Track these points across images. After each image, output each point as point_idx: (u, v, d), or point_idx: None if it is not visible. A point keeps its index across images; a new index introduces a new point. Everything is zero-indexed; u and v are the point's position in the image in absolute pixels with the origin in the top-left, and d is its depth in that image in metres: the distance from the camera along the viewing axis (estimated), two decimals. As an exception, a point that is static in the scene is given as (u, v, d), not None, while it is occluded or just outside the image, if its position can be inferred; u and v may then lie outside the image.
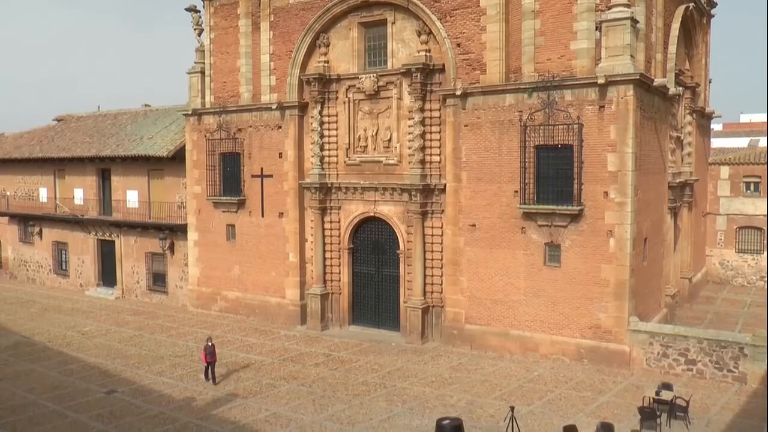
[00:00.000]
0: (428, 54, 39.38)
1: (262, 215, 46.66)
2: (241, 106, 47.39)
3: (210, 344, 33.58)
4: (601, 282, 34.51)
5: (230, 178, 48.45)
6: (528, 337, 36.77)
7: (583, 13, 34.23)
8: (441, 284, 40.04)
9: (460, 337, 39.01)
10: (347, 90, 42.72)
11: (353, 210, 43.02)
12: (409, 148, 40.15)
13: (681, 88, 44.30)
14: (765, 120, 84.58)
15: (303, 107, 44.65)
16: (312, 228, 44.52)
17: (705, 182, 55.49)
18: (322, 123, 43.53)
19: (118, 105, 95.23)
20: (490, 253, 37.68)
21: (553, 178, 35.59)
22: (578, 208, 34.57)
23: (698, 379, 32.47)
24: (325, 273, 44.31)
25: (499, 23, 36.60)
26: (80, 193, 60.29)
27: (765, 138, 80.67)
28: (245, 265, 48.12)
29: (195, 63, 50.36)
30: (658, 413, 26.34)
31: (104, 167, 58.20)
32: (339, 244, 43.87)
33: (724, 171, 57.42)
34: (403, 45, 40.82)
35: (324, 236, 44.07)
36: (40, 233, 64.61)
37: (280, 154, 45.54)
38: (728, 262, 57.67)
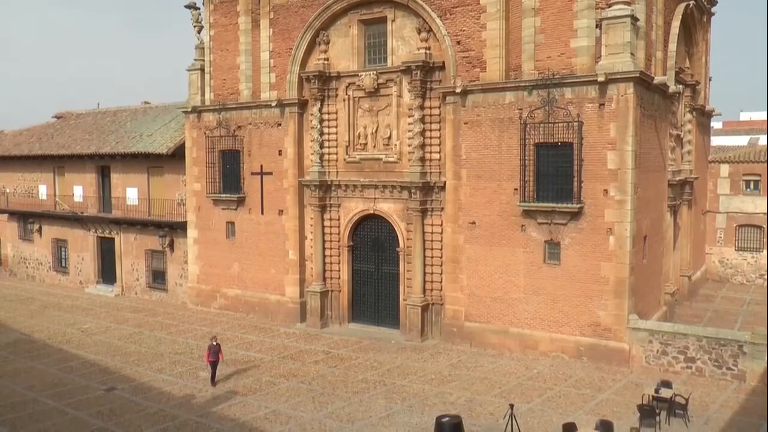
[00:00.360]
0: (428, 52, 39.38)
1: (262, 212, 46.67)
2: (240, 103, 47.40)
3: (215, 343, 33.24)
4: (601, 280, 34.54)
5: (230, 175, 48.45)
6: (527, 334, 36.80)
7: (583, 11, 34.23)
8: (441, 282, 40.07)
9: (459, 334, 39.05)
10: (347, 87, 42.72)
11: (353, 207, 43.04)
12: (409, 145, 40.16)
13: (681, 86, 44.30)
14: (765, 118, 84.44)
15: (303, 104, 44.65)
16: (312, 225, 44.53)
17: (705, 180, 55.51)
18: (321, 120, 43.54)
19: (118, 102, 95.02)
20: (489, 251, 37.72)
21: (553, 176, 35.60)
22: (578, 206, 34.59)
23: (697, 377, 32.50)
24: (324, 270, 44.33)
25: (499, 21, 36.59)
26: (80, 190, 60.30)
27: (765, 136, 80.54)
28: (245, 263, 48.14)
29: (195, 60, 50.37)
30: (657, 411, 26.39)
31: (104, 164, 58.24)
32: (339, 241, 43.89)
33: (724, 169, 57.42)
34: (403, 42, 40.82)
35: (324, 234, 44.08)
36: (39, 230, 64.63)
37: (280, 151, 45.55)
38: (728, 260, 57.70)
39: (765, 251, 55.60)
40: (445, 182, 39.19)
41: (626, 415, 27.51)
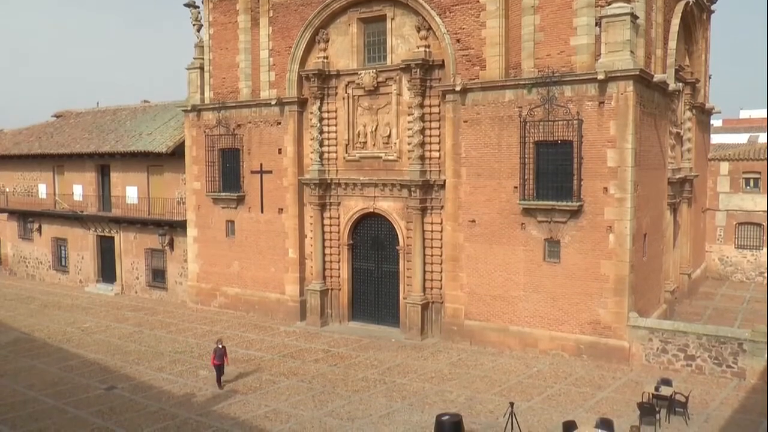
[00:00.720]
0: (428, 50, 39.36)
1: (262, 211, 46.70)
2: (240, 101, 47.41)
3: (220, 347, 32.71)
4: (601, 278, 34.55)
5: (229, 174, 48.45)
6: (527, 332, 36.82)
7: (582, 9, 34.23)
8: (440, 280, 40.08)
9: (459, 332, 39.07)
10: (346, 86, 42.72)
11: (353, 206, 43.05)
12: (409, 143, 40.17)
13: (681, 84, 44.30)
14: (765, 116, 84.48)
15: (302, 103, 44.64)
16: (311, 224, 44.53)
17: (704, 178, 55.52)
18: (321, 119, 43.52)
19: (118, 101, 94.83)
20: (489, 249, 37.73)
21: (553, 174, 35.60)
22: (578, 203, 34.61)
23: (697, 375, 32.52)
24: (324, 269, 44.34)
25: (499, 19, 36.58)
26: (79, 189, 60.30)
27: (765, 134, 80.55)
28: (245, 261, 48.16)
29: (194, 59, 50.37)
30: (657, 409, 26.40)
31: (103, 163, 58.23)
32: (338, 240, 43.90)
33: (724, 167, 57.42)
34: (403, 41, 40.81)
35: (323, 232, 44.07)
36: (39, 229, 64.63)
37: (280, 150, 45.56)
38: (727, 257, 57.72)
39: (765, 249, 55.61)
40: (444, 180, 39.18)
41: (626, 413, 27.54)
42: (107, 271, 59.29)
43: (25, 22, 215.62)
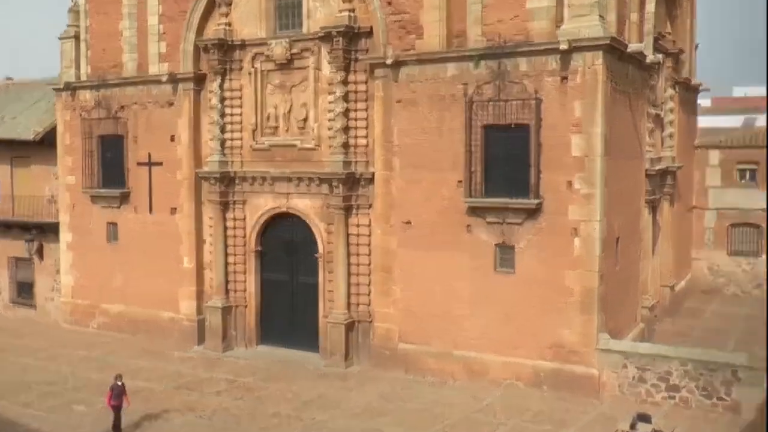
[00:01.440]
0: (352, 14, 39.06)
1: (150, 211, 46.32)
2: (124, 78, 46.96)
3: (119, 383, 31.67)
4: (565, 291, 34.49)
5: (111, 166, 47.96)
6: (475, 358, 36.70)
7: (541, -36, 34.24)
8: (369, 294, 39.97)
9: (392, 358, 38.92)
10: (253, 59, 42.40)
11: (261, 204, 42.79)
12: (330, 129, 39.98)
13: (661, 56, 44.54)
14: (764, 94, 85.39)
15: (200, 80, 44.35)
16: (211, 226, 44.27)
17: (690, 170, 56.04)
18: (223, 99, 43.18)
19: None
20: (428, 257, 37.57)
21: (506, 165, 35.55)
22: (536, 201, 34.57)
23: (682, 409, 32.56)
24: (227, 281, 43.99)
25: (440, -24, 36.47)
26: None
27: (764, 115, 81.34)
28: (130, 273, 47.64)
29: (68, 26, 49.82)
30: (631, 450, 26.39)
31: (-46, 153, 57.15)
32: (244, 245, 43.59)
33: (714, 156, 57.86)
34: (322, 3, 40.48)
35: (226, 236, 43.74)
36: None
37: (172, 137, 45.22)
38: (718, 266, 58.12)
39: (765, 256, 55.88)
40: (373, 173, 39.09)
41: (595, 456, 27.55)
42: (-41, 285, 58.17)
43: None
